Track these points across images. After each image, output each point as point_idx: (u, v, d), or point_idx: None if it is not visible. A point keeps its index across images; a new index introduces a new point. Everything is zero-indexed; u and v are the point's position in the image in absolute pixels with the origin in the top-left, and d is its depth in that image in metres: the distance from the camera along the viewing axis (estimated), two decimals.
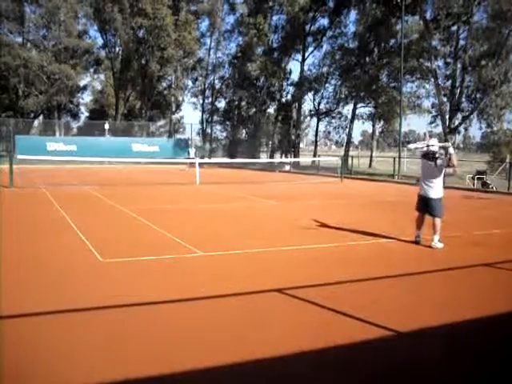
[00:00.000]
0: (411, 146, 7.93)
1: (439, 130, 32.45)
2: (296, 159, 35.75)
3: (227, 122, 44.93)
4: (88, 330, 3.87)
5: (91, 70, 50.31)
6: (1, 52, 38.07)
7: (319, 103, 40.02)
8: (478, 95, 27.57)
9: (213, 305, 4.61)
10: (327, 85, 39.34)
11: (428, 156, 7.28)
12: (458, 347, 3.74)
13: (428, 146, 7.33)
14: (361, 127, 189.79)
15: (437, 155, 7.22)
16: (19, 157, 19.59)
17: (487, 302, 4.74)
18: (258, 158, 38.76)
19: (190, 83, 45.29)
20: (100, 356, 3.41)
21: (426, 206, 7.32)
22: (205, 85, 43.90)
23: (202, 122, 44.38)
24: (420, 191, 7.49)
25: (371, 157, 42.36)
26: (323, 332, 3.90)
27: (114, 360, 3.35)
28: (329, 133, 40.88)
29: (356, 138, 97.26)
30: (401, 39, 25.99)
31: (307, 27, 37.97)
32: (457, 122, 28.45)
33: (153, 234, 7.95)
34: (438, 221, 7.14)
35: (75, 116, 50.31)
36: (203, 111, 44.37)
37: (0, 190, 14.63)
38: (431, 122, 33.53)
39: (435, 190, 7.24)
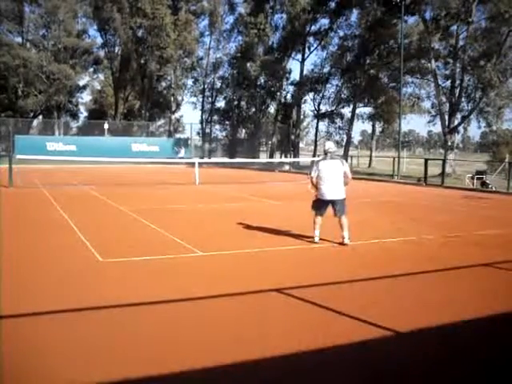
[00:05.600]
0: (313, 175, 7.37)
1: (438, 129, 32.43)
2: (296, 159, 35.75)
3: (227, 122, 44.91)
4: (87, 330, 3.86)
5: (90, 69, 50.37)
6: (0, 52, 38.02)
7: (319, 104, 40.04)
8: (477, 95, 27.57)
9: (212, 305, 4.61)
10: (328, 85, 39.36)
11: (329, 156, 7.28)
12: (457, 347, 3.74)
13: (326, 152, 7.31)
14: (360, 127, 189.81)
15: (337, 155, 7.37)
16: (18, 157, 19.59)
17: (487, 302, 4.74)
18: (258, 157, 38.76)
19: (189, 83, 45.31)
20: (99, 356, 3.41)
21: (328, 207, 7.22)
22: (204, 84, 43.89)
23: (201, 122, 44.36)
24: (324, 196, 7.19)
25: (371, 156, 42.39)
26: (322, 332, 3.90)
27: (113, 360, 3.34)
28: (329, 134, 40.82)
29: (356, 137, 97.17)
30: (401, 39, 25.99)
31: (308, 27, 37.96)
32: (456, 122, 28.45)
33: (152, 234, 7.95)
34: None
35: (74, 116, 50.30)
36: (203, 111, 44.36)
37: None
38: (429, 121, 33.61)
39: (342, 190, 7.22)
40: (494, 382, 3.25)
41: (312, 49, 39.57)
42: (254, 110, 42.40)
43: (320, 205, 7.27)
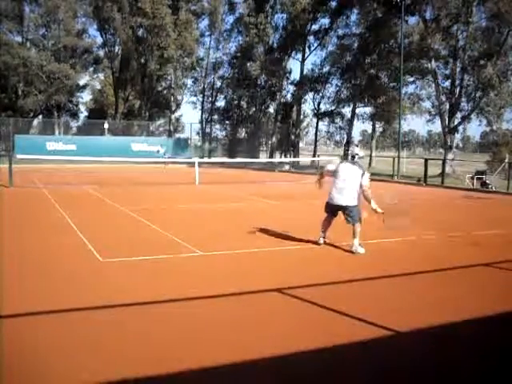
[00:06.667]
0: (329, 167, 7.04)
1: (438, 129, 32.40)
2: (296, 159, 35.74)
3: (227, 122, 44.91)
4: (87, 330, 3.86)
5: (90, 69, 50.31)
6: (0, 51, 38.02)
7: (319, 103, 40.05)
8: (477, 95, 27.58)
9: (212, 304, 4.61)
10: (328, 85, 39.35)
11: (352, 159, 6.90)
12: (457, 347, 3.75)
13: (353, 156, 6.92)
14: (361, 127, 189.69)
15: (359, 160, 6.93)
16: (18, 156, 19.57)
17: (487, 302, 4.74)
18: (258, 157, 38.74)
19: (189, 82, 45.31)
20: (99, 355, 3.40)
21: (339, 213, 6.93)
22: (204, 84, 43.89)
23: (201, 122, 44.35)
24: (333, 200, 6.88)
25: (371, 156, 42.36)
26: (323, 332, 3.90)
27: (113, 360, 3.34)
28: (330, 133, 40.76)
29: (356, 137, 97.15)
30: (401, 39, 25.99)
31: (308, 27, 37.98)
32: (456, 122, 28.46)
33: (152, 234, 7.95)
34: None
35: (75, 115, 50.27)
36: (203, 110, 44.35)
37: None
38: (429, 121, 33.64)
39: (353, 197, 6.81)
40: (494, 382, 3.25)
41: (312, 48, 39.63)
42: (254, 109, 42.38)
43: (329, 208, 7.01)
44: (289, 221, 9.51)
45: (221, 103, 44.92)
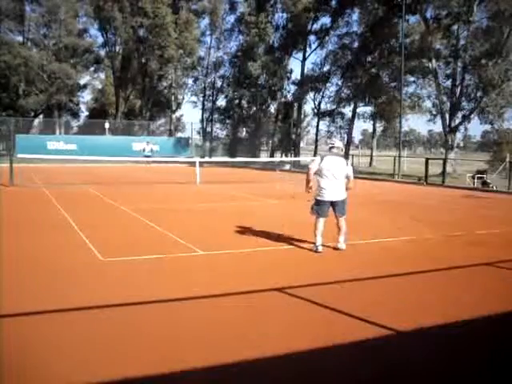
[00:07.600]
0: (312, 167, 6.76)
1: (439, 128, 32.36)
2: (296, 158, 35.73)
3: (228, 121, 44.90)
4: (87, 329, 3.87)
5: (91, 68, 50.40)
6: (1, 51, 38.06)
7: (319, 103, 40.04)
8: (478, 94, 27.53)
9: (213, 304, 4.61)
10: (329, 84, 39.36)
11: (336, 153, 6.78)
12: (458, 347, 3.74)
13: (332, 146, 6.87)
14: (361, 126, 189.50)
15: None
16: (19, 156, 19.59)
17: (488, 302, 4.73)
18: (259, 157, 38.73)
19: (190, 82, 45.31)
20: (99, 355, 3.40)
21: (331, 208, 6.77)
22: (205, 83, 43.89)
23: (202, 121, 44.35)
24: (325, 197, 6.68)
25: (371, 156, 42.36)
26: (323, 331, 3.90)
27: (114, 359, 3.35)
28: (330, 133, 40.79)
29: (356, 136, 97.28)
30: (401, 39, 25.96)
31: (309, 26, 37.99)
32: (457, 121, 28.42)
33: (153, 233, 7.95)
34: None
35: (75, 115, 50.35)
36: (203, 110, 44.35)
37: (0, 188, 14.62)
38: (429, 120, 33.58)
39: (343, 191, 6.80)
40: (494, 382, 3.24)
41: (313, 47, 39.64)
42: (254, 109, 42.38)
43: (321, 207, 6.72)
44: (290, 220, 9.51)
45: (221, 103, 45.00)
